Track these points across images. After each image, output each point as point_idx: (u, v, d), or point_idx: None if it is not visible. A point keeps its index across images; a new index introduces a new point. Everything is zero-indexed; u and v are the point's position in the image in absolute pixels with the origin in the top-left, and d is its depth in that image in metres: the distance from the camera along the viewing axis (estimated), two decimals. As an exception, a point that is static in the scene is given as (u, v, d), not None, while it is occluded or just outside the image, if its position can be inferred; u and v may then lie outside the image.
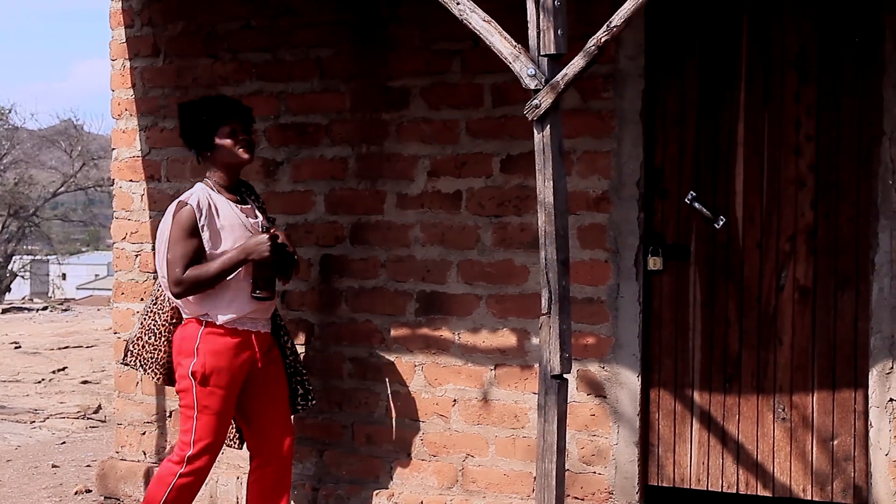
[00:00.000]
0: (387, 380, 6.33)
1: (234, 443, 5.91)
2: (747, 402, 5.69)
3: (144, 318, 5.74)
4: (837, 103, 5.52)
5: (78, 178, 43.34)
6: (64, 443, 9.35)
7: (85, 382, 12.01)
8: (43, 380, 12.17)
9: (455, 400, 6.16)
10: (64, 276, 50.90)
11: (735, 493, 5.74)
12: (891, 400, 5.33)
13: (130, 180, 7.02)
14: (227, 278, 5.38)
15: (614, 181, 5.80)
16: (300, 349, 6.47)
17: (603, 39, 4.47)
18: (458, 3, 4.77)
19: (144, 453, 7.00)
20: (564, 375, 4.63)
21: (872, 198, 5.39)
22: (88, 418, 10.32)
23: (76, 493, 7.50)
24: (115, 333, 7.11)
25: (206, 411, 5.41)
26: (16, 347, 14.75)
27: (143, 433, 7.00)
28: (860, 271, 5.48)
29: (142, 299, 6.95)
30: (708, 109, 5.74)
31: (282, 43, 6.55)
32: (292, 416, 5.82)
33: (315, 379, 6.43)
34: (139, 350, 5.72)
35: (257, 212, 5.63)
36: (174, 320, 5.62)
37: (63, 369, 12.82)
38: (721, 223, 5.70)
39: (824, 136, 5.54)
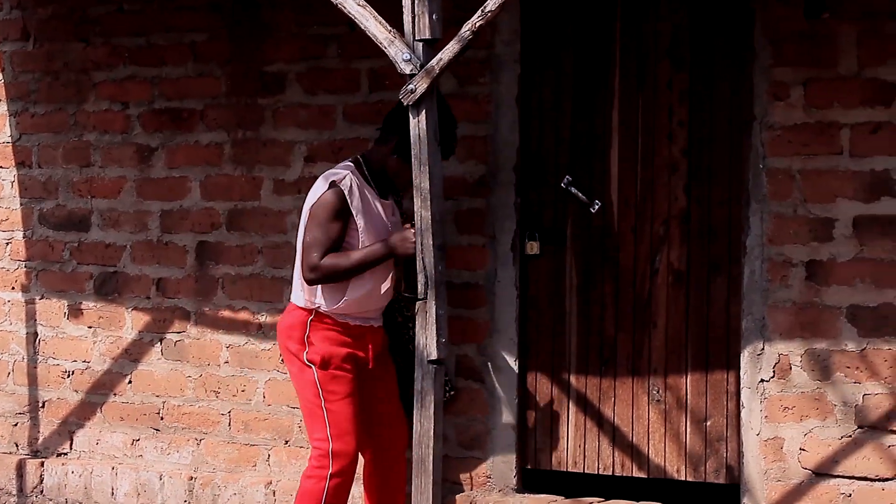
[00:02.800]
0: (264, 367, 6.28)
1: None
2: (623, 385, 5.75)
3: None
4: (709, 90, 5.59)
5: (-51, 165, 42.38)
6: (-66, 436, 9.14)
7: (-44, 374, 11.74)
8: (-88, 372, 11.86)
9: (333, 386, 6.13)
10: (-65, 266, 49.86)
11: (611, 474, 5.80)
12: (761, 381, 5.43)
13: (1, 167, 6.88)
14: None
15: (491, 166, 5.82)
16: (175, 337, 6.41)
17: (478, 24, 4.48)
18: (332, -13, 4.75)
19: (17, 445, 6.86)
20: (441, 360, 4.64)
21: (744, 182, 5.47)
22: (-41, 410, 10.09)
23: (-54, 487, 7.34)
24: (-14, 323, 6.97)
25: (334, 397, 5.09)
26: None
27: (16, 424, 6.87)
28: (732, 255, 5.57)
29: (13, 287, 6.83)
30: (583, 95, 5.78)
31: (155, 27, 6.45)
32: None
33: (191, 367, 6.37)
34: None
35: (395, 207, 5.33)
36: None
37: (-67, 361, 12.51)
38: (596, 207, 5.74)
39: (696, 122, 5.61)
